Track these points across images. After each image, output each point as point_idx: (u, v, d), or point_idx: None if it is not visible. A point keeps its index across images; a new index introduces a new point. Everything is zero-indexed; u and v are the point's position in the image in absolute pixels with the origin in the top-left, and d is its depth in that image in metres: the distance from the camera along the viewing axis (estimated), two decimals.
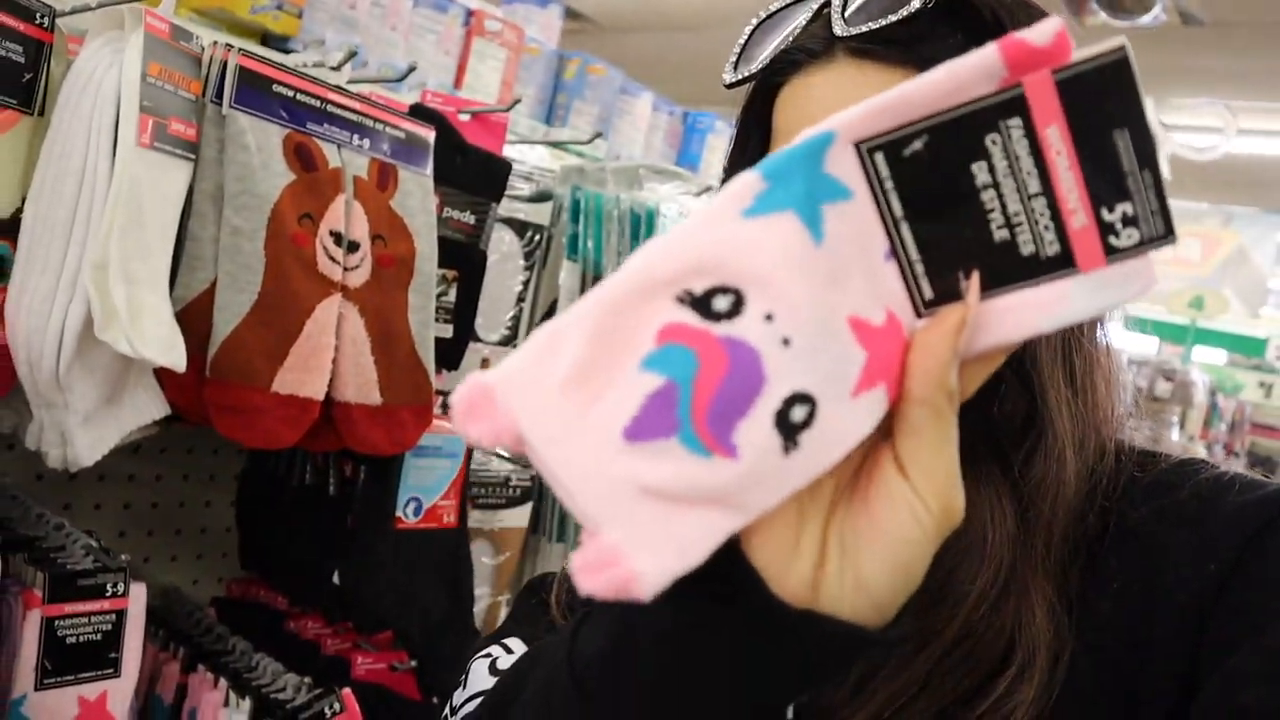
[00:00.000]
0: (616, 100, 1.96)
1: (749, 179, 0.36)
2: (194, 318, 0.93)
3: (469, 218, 1.26)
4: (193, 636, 1.20)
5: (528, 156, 1.50)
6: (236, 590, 1.37)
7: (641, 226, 1.51)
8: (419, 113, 1.18)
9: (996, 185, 0.36)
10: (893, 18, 0.57)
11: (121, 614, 1.00)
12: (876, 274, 0.37)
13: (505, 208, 1.33)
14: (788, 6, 0.63)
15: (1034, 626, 0.54)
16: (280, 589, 1.31)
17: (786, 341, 0.34)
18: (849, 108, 0.37)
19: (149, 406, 0.94)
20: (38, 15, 0.86)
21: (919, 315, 0.38)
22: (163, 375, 0.94)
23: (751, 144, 0.66)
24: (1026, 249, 0.36)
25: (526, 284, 1.47)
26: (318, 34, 1.38)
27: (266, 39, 1.34)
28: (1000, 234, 0.37)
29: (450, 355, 1.25)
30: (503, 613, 1.45)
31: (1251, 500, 0.54)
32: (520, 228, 1.44)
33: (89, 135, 0.85)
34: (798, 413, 0.34)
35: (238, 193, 0.94)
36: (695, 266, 0.35)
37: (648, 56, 5.57)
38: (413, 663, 1.26)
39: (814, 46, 0.60)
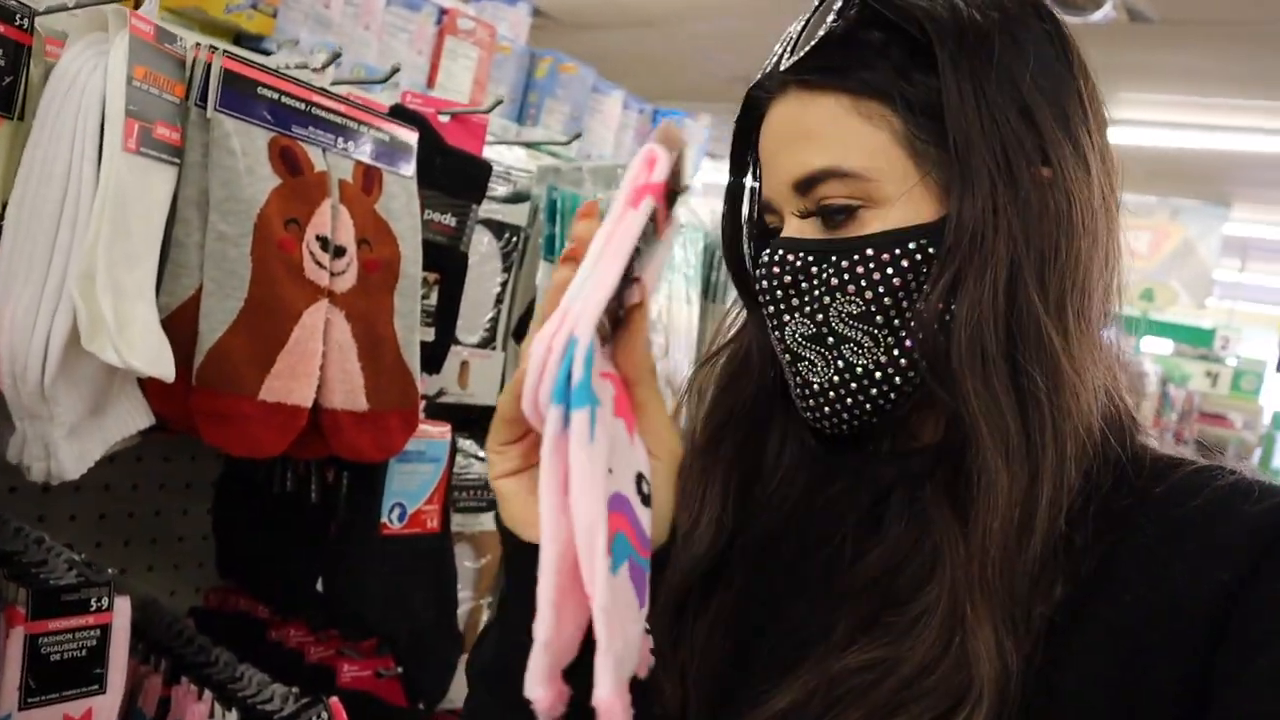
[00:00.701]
0: (588, 99, 1.95)
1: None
2: (179, 325, 0.91)
3: (450, 220, 1.25)
4: (174, 648, 1.18)
5: (504, 157, 1.49)
6: (215, 600, 1.35)
7: None
8: (400, 114, 1.16)
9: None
10: (808, 47, 0.64)
11: (106, 629, 0.98)
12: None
13: (483, 209, 1.32)
14: (778, 49, 0.70)
15: (981, 660, 0.54)
16: (261, 597, 1.29)
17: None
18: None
19: (134, 417, 0.92)
20: (17, 17, 0.84)
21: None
22: (147, 384, 0.92)
23: (742, 169, 0.74)
24: None
25: (505, 285, 1.46)
26: (292, 34, 1.36)
27: (240, 38, 1.32)
28: None
29: (432, 358, 1.24)
30: (484, 616, 1.45)
31: (1267, 508, 0.54)
32: (498, 229, 1.43)
33: (73, 140, 0.83)
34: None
35: (223, 198, 0.92)
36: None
37: (609, 53, 5.56)
38: (399, 669, 1.25)
39: (769, 84, 0.68)
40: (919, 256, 0.61)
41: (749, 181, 0.74)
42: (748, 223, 0.75)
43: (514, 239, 1.45)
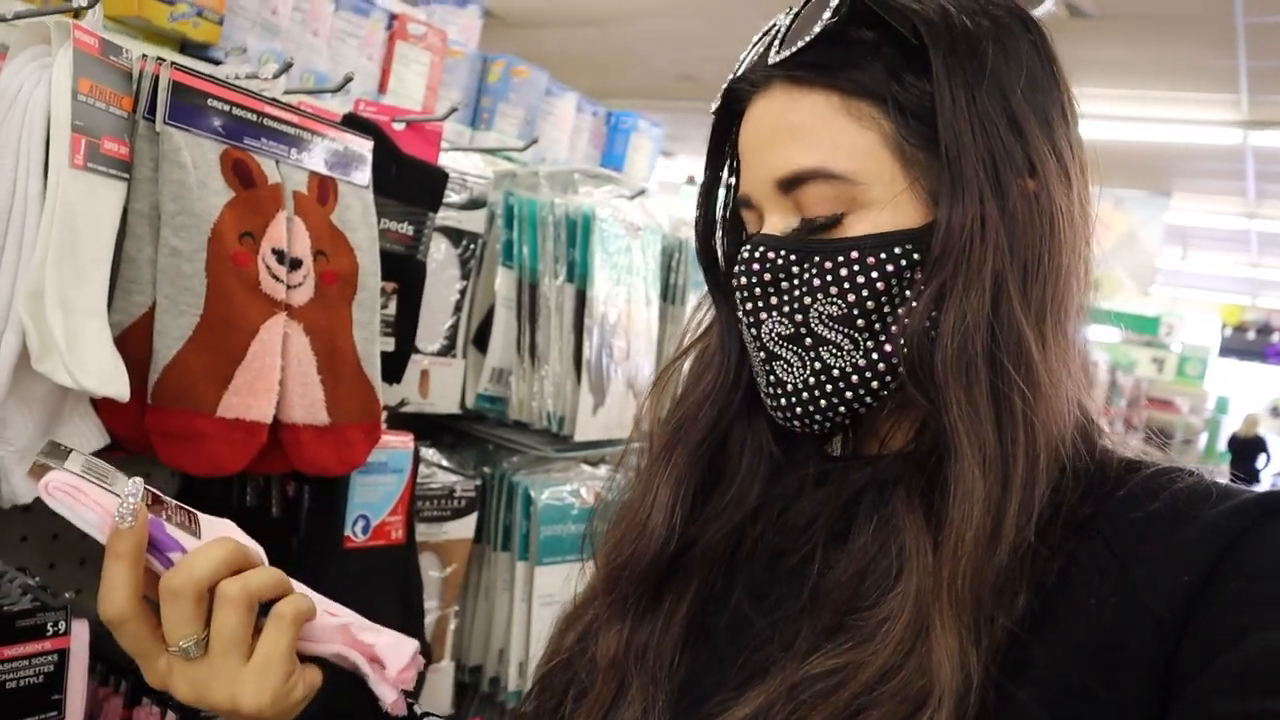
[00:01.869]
0: (541, 102, 1.95)
1: None
2: (133, 343, 0.89)
3: (407, 229, 1.24)
4: (133, 669, 1.16)
5: (460, 163, 1.48)
6: None
7: (577, 231, 1.50)
8: (353, 123, 1.15)
9: None
10: (801, 43, 0.61)
11: (64, 654, 0.96)
12: None
13: (439, 216, 1.31)
14: (758, 41, 0.67)
15: (942, 665, 0.54)
16: None
17: None
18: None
19: (88, 437, 0.90)
20: None
21: None
22: (101, 404, 0.90)
23: (730, 162, 0.72)
24: None
25: (463, 292, 1.45)
26: (239, 41, 1.34)
27: (185, 47, 1.29)
28: None
29: (393, 369, 1.23)
30: (451, 625, 1.44)
31: (1225, 511, 0.54)
32: (455, 236, 1.42)
33: (18, 157, 0.81)
34: None
35: (175, 212, 0.90)
36: None
37: (556, 52, 5.55)
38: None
39: (754, 78, 0.66)
40: (904, 262, 0.61)
41: (725, 176, 0.73)
42: (721, 218, 0.74)
43: (472, 246, 1.44)
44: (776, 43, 0.65)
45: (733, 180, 0.73)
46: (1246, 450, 8.56)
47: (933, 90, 0.60)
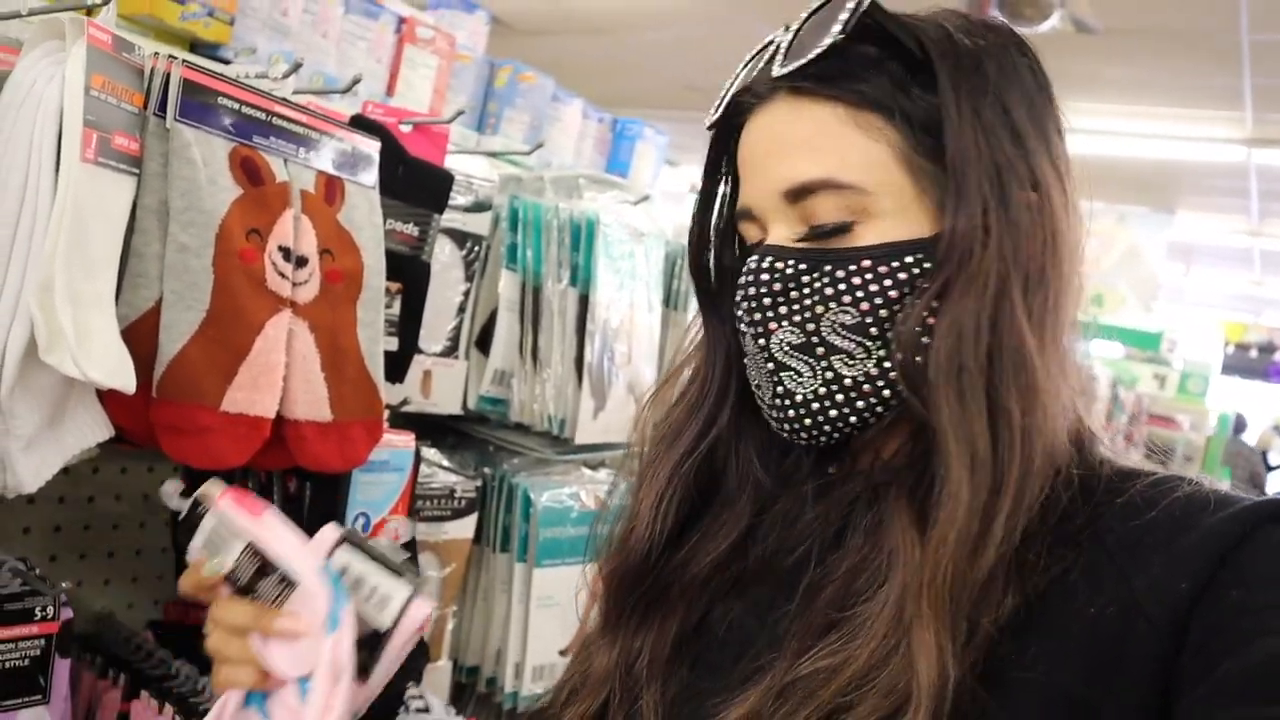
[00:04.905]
0: (548, 108, 1.96)
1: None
2: (139, 337, 0.90)
3: (412, 229, 1.25)
4: (132, 662, 1.17)
5: (465, 166, 1.49)
6: (174, 612, 1.33)
7: (581, 235, 1.51)
8: (361, 124, 1.16)
9: None
10: (814, 53, 0.61)
11: (51, 639, 0.97)
12: None
13: (444, 218, 1.32)
14: (755, 56, 0.68)
15: (921, 665, 0.54)
16: None
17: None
18: None
19: (93, 429, 0.91)
20: None
21: None
22: (106, 396, 0.91)
23: (726, 175, 0.73)
24: None
25: (467, 294, 1.46)
26: (249, 41, 1.35)
27: (195, 46, 1.30)
28: None
29: (396, 368, 1.24)
30: (450, 625, 1.44)
31: (1223, 518, 0.55)
32: (460, 238, 1.43)
33: (30, 151, 0.82)
34: None
35: (184, 208, 0.91)
36: None
37: (563, 60, 5.57)
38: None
39: (758, 89, 0.67)
40: (916, 270, 0.62)
41: (722, 189, 0.74)
42: (716, 230, 0.75)
43: (476, 248, 1.45)
44: (780, 56, 0.65)
45: (727, 193, 0.74)
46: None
47: (939, 103, 0.62)
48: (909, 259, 0.62)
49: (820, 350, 0.64)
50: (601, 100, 2.28)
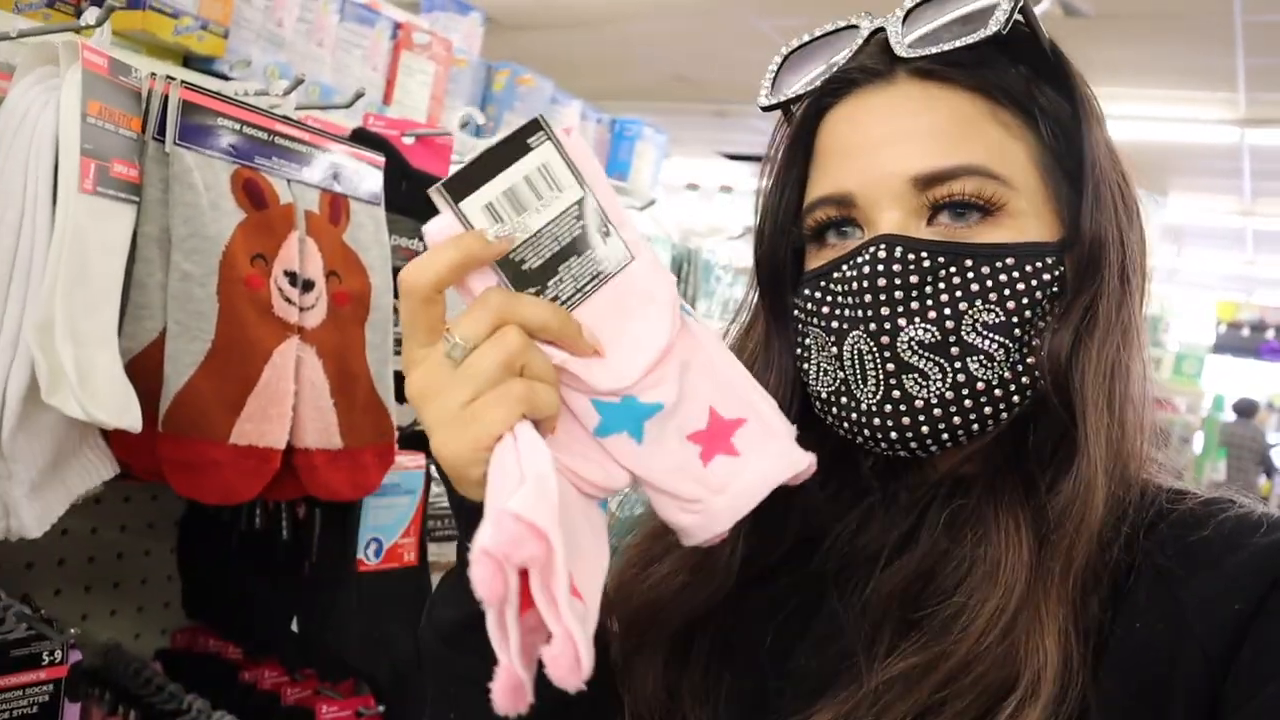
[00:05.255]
0: (547, 111, 1.93)
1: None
2: (143, 370, 0.87)
3: (418, 245, 1.21)
4: (142, 697, 1.14)
5: None
6: (182, 641, 1.30)
7: None
8: (362, 138, 1.13)
9: None
10: (966, 40, 0.60)
11: (59, 683, 0.93)
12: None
13: None
14: (825, 35, 0.65)
15: (1042, 653, 0.53)
16: (232, 638, 1.25)
17: None
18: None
19: (98, 468, 0.88)
20: None
21: None
22: (110, 432, 0.88)
23: (797, 162, 0.66)
24: None
25: None
26: (243, 54, 1.31)
27: (189, 60, 1.27)
28: None
29: (404, 389, 1.20)
30: None
31: (1275, 540, 0.54)
32: None
33: (25, 183, 0.78)
34: None
35: (186, 235, 0.88)
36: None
37: (551, 54, 5.52)
38: (380, 708, 1.21)
39: (874, 66, 0.63)
40: (1056, 273, 0.60)
41: (797, 176, 0.67)
42: (800, 223, 0.66)
43: None
44: (901, 40, 0.61)
45: (799, 177, 0.67)
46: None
47: (1071, 108, 0.62)
48: (1050, 259, 0.60)
49: (955, 350, 0.59)
50: (590, 94, 2.24)
